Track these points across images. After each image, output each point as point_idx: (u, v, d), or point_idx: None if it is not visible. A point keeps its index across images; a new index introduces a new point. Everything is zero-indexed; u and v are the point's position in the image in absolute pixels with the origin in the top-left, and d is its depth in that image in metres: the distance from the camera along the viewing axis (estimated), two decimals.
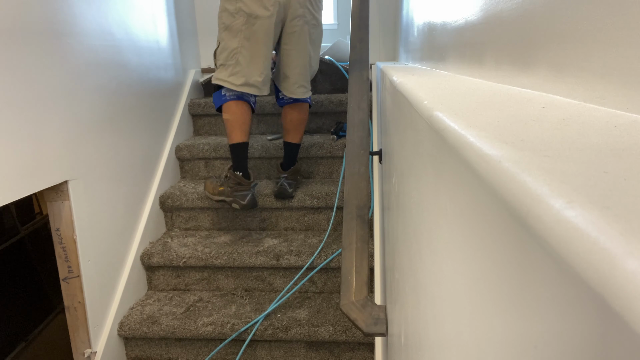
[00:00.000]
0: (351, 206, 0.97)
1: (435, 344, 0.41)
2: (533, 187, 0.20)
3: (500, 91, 0.51)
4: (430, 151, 0.43)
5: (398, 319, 0.73)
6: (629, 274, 0.13)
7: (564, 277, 0.16)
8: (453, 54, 0.84)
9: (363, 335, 1.71)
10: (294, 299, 1.90)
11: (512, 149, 0.25)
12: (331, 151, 2.26)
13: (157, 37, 2.21)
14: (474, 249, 0.27)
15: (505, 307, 0.22)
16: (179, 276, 2.02)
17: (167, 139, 2.31)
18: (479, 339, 0.27)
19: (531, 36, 0.48)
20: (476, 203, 0.27)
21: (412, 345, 0.57)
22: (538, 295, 0.18)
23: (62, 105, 1.46)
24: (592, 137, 0.27)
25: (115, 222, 1.81)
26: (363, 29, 1.46)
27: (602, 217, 0.16)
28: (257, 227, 2.17)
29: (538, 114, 0.35)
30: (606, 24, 0.35)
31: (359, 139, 1.13)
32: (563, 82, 0.41)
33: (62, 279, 1.57)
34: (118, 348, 1.82)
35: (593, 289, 0.14)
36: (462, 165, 0.29)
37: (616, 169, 0.21)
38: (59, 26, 1.45)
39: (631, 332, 0.12)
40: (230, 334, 1.76)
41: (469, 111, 0.38)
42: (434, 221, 0.42)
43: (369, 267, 0.88)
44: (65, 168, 1.48)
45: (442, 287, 0.38)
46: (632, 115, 0.32)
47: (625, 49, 0.33)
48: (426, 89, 0.58)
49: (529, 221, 0.19)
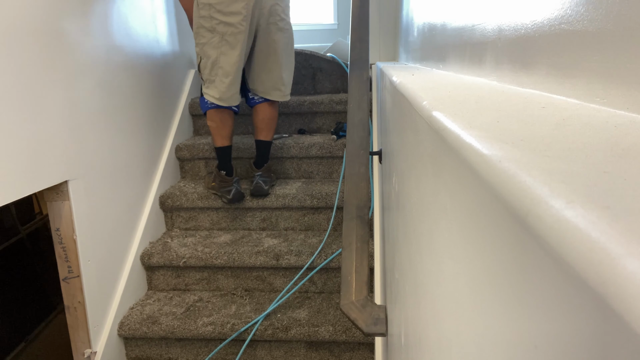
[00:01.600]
0: (351, 206, 0.97)
1: (435, 344, 0.41)
2: (533, 187, 0.20)
3: (500, 91, 0.51)
4: (430, 151, 0.43)
5: (398, 319, 0.73)
6: (629, 274, 0.13)
7: (564, 277, 0.16)
8: (453, 54, 0.84)
9: (363, 335, 1.72)
10: (294, 299, 1.90)
11: (512, 149, 0.25)
12: (331, 151, 2.26)
13: (157, 37, 2.21)
14: (474, 249, 0.27)
15: (505, 307, 0.22)
16: (179, 276, 2.02)
17: (167, 138, 2.31)
18: (479, 339, 0.27)
19: (531, 36, 0.48)
20: (476, 203, 0.27)
21: (412, 345, 0.57)
22: (538, 295, 0.18)
23: (62, 105, 1.46)
24: (592, 137, 0.27)
25: (115, 222, 1.81)
26: (363, 29, 1.46)
27: (602, 217, 0.16)
28: (257, 227, 2.17)
29: (538, 114, 0.35)
30: (606, 24, 0.35)
31: (359, 139, 1.13)
32: (563, 82, 0.41)
33: (62, 279, 1.57)
34: (118, 348, 1.82)
35: (593, 289, 0.14)
36: (462, 165, 0.29)
37: (616, 169, 0.21)
38: (59, 26, 1.45)
39: (631, 332, 0.12)
40: (230, 334, 1.76)
41: (469, 111, 0.38)
42: (434, 221, 0.42)
43: (369, 267, 0.88)
44: (65, 168, 1.48)
45: (442, 287, 0.38)
46: (632, 115, 0.32)
47: (625, 48, 0.33)
48: (426, 89, 0.58)
49: (529, 221, 0.19)
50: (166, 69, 2.31)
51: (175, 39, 2.43)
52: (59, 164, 1.45)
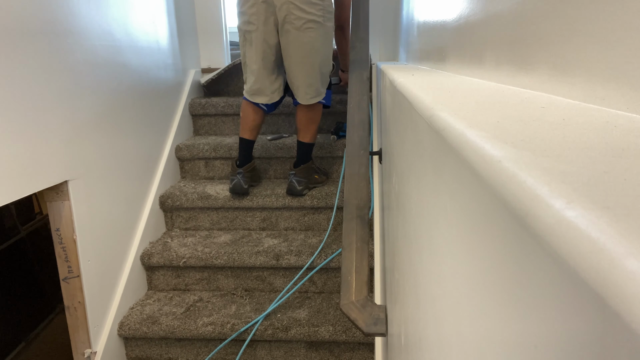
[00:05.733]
0: (351, 206, 0.97)
1: (435, 344, 0.41)
2: (533, 187, 0.20)
3: (500, 91, 0.51)
4: (430, 151, 0.43)
5: (398, 319, 0.73)
6: (629, 274, 0.13)
7: (564, 277, 0.16)
8: (453, 54, 0.84)
9: (363, 335, 1.71)
10: (294, 299, 1.90)
11: (512, 149, 0.25)
12: (331, 151, 2.26)
13: (157, 37, 2.21)
14: (474, 249, 0.27)
15: (505, 307, 0.22)
16: (179, 276, 2.02)
17: (167, 138, 2.31)
18: (479, 339, 0.27)
19: (531, 36, 0.48)
20: (476, 203, 0.27)
21: (412, 345, 0.57)
22: (538, 295, 0.18)
23: (62, 105, 1.46)
24: (592, 137, 0.27)
25: (115, 222, 1.81)
26: (363, 29, 1.46)
27: (602, 217, 0.16)
28: (257, 227, 2.17)
29: (538, 114, 0.35)
30: (606, 24, 0.35)
31: (359, 139, 1.13)
32: (563, 82, 0.41)
33: (62, 279, 1.57)
34: (118, 348, 1.82)
35: (593, 289, 0.14)
36: (462, 165, 0.29)
37: (616, 169, 0.21)
38: (59, 26, 1.45)
39: (631, 332, 0.12)
40: (230, 334, 1.76)
41: (469, 111, 0.38)
42: (434, 221, 0.42)
43: (369, 267, 0.88)
44: (65, 168, 1.48)
45: (442, 287, 0.38)
46: (632, 115, 0.32)
47: (625, 48, 0.33)
48: (426, 89, 0.58)
49: (529, 221, 0.19)
50: (166, 69, 2.31)
51: (175, 39, 2.43)
52: (59, 164, 1.45)
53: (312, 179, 2.15)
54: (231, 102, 2.51)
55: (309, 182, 2.12)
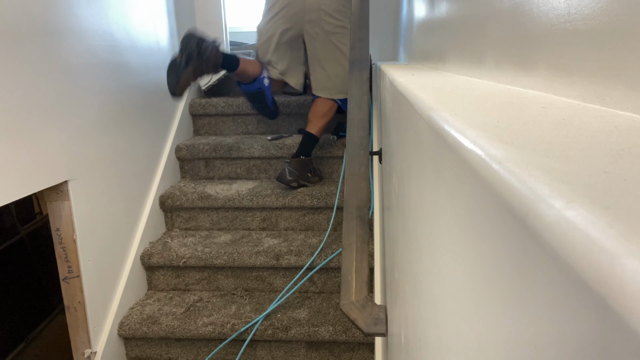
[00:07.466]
0: (351, 206, 0.97)
1: (435, 344, 0.41)
2: (533, 187, 0.20)
3: (500, 91, 0.51)
4: (430, 151, 0.43)
5: (398, 319, 0.73)
6: (629, 274, 0.13)
7: (564, 277, 0.16)
8: (453, 54, 0.84)
9: (363, 335, 1.71)
10: (294, 299, 1.90)
11: (512, 149, 0.25)
12: (331, 151, 2.26)
13: (157, 37, 2.21)
14: (474, 248, 0.27)
15: (505, 307, 0.22)
16: (179, 276, 2.02)
17: (167, 139, 2.31)
18: (479, 339, 0.27)
19: (531, 36, 0.48)
20: (476, 203, 0.27)
21: (412, 345, 0.57)
22: (538, 295, 0.18)
23: (62, 106, 1.46)
24: (592, 137, 0.27)
25: (115, 222, 1.81)
26: (363, 29, 1.46)
27: (602, 217, 0.16)
28: (257, 227, 2.17)
29: (538, 114, 0.35)
30: (606, 24, 0.35)
31: (359, 139, 1.13)
32: (563, 82, 0.41)
33: (62, 279, 1.57)
34: (118, 348, 1.82)
35: (593, 288, 0.14)
36: (462, 165, 0.29)
37: (616, 169, 0.21)
38: (59, 26, 1.45)
39: (631, 332, 0.12)
40: (230, 334, 1.75)
41: (469, 111, 0.38)
42: (434, 221, 0.42)
43: (369, 267, 0.87)
44: (65, 168, 1.48)
45: (442, 287, 0.38)
46: (632, 115, 0.32)
47: (625, 49, 0.33)
48: (426, 89, 0.58)
49: (529, 221, 0.19)
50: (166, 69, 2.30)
51: (175, 39, 2.43)
52: (59, 164, 1.45)
53: (305, 175, 2.12)
54: (231, 102, 2.51)
55: (300, 177, 2.09)
